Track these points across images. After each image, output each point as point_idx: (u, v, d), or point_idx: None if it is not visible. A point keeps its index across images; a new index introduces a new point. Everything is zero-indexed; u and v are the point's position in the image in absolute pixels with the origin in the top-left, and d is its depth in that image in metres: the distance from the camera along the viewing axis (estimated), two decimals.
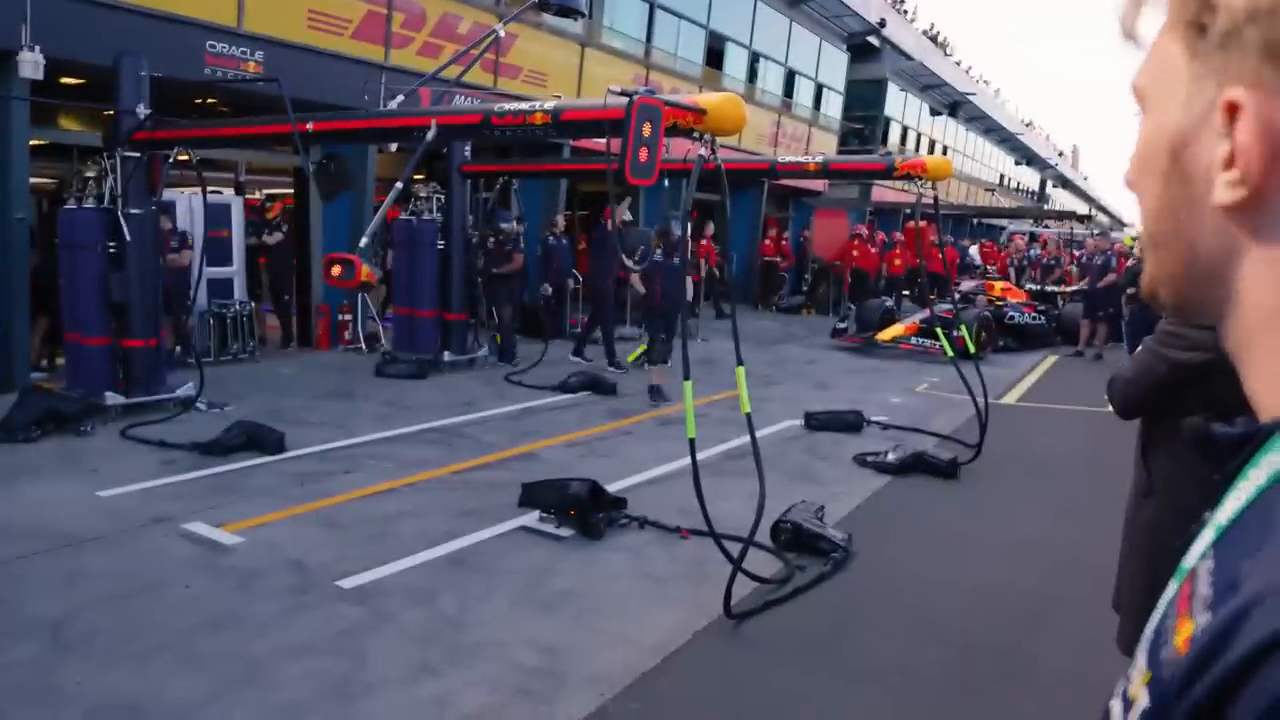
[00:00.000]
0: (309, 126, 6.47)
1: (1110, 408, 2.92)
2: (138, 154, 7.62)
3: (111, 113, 7.67)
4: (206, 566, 4.81)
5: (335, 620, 4.24)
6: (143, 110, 7.56)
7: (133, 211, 7.61)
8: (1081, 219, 22.49)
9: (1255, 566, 0.47)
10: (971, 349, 8.81)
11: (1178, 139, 0.57)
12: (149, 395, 7.76)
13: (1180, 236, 0.59)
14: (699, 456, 4.86)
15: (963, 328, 8.93)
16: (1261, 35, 0.51)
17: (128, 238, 7.56)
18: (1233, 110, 0.53)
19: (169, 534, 5.18)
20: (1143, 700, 0.54)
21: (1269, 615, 0.43)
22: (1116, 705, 0.58)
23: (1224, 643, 0.45)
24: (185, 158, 7.88)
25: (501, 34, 7.98)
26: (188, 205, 10.19)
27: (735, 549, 4.62)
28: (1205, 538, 0.57)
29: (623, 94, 4.68)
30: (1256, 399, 0.58)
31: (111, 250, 7.61)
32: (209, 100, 11.14)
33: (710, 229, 15.46)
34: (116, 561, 4.78)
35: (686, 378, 4.79)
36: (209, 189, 8.87)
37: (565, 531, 5.39)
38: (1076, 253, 18.53)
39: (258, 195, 14.16)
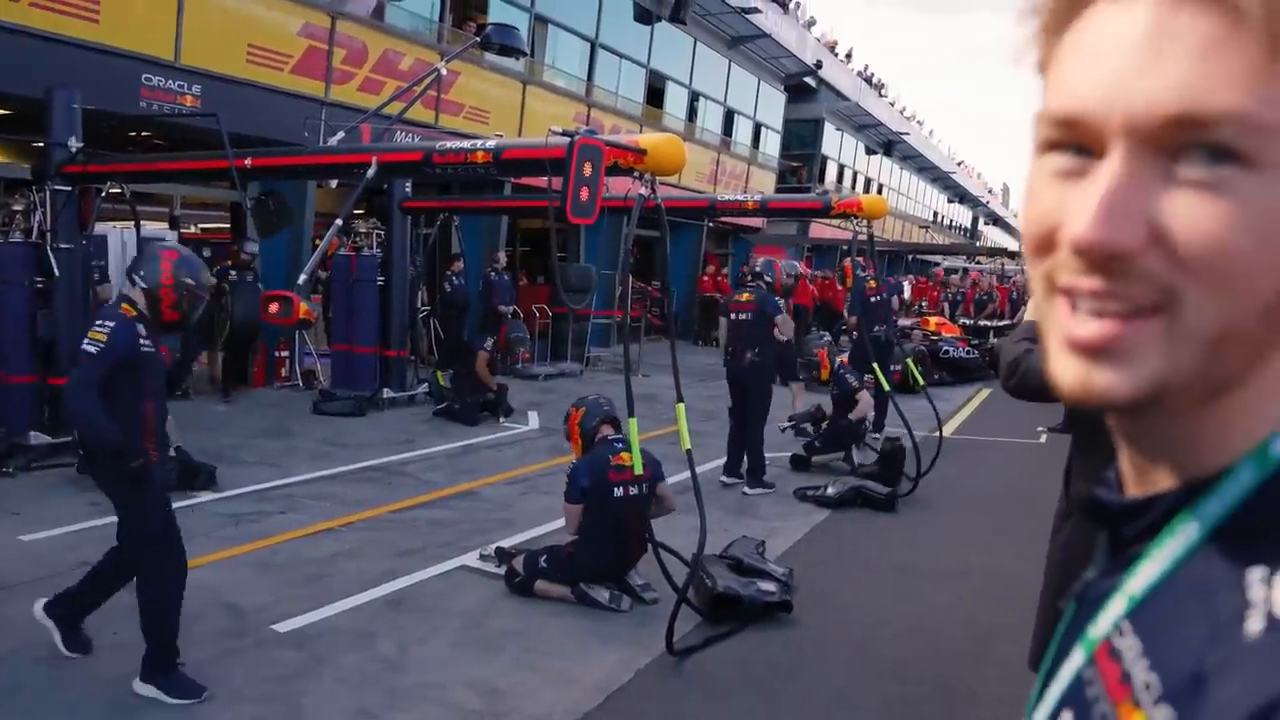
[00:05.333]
0: (248, 162, 6.41)
1: (1005, 386, 2.85)
2: (68, 188, 7.46)
3: (41, 145, 7.52)
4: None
5: (270, 665, 4.15)
6: (74, 143, 7.42)
7: (62, 246, 7.44)
8: (1012, 255, 23.15)
9: (1232, 658, 0.45)
10: (919, 381, 9.01)
11: None
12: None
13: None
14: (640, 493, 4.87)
15: (908, 362, 9.11)
16: None
17: (56, 273, 7.38)
18: None
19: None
20: None
21: None
22: None
23: None
24: (118, 191, 7.74)
25: (444, 71, 8.01)
26: (120, 240, 10.00)
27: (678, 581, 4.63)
28: (1115, 608, 0.55)
29: (564, 134, 4.73)
30: (1143, 460, 0.57)
31: (39, 285, 7.42)
32: (144, 134, 10.97)
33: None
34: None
35: (631, 414, 4.81)
36: (143, 223, 8.71)
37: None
38: (1006, 287, 19.04)
39: (194, 229, 13.93)
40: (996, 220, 57.62)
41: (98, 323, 3.80)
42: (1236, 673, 0.44)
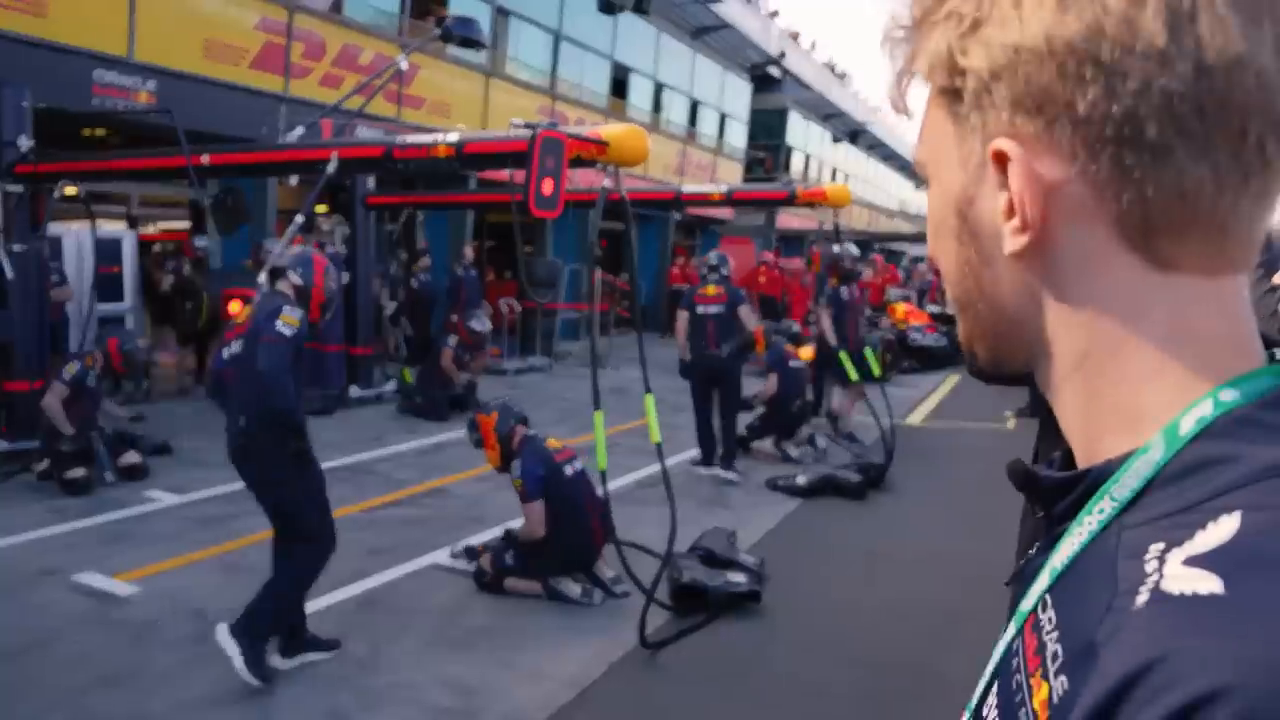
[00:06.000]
0: (205, 159, 6.30)
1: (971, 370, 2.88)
2: (20, 188, 7.30)
3: None
4: (100, 619, 4.59)
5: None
6: (25, 142, 7.26)
7: (15, 248, 7.28)
8: None
9: (1115, 629, 0.48)
10: (876, 371, 9.01)
11: (962, 199, 0.60)
12: (32, 441, 7.40)
13: (984, 295, 0.62)
14: (610, 486, 4.85)
15: (867, 351, 9.10)
16: (1008, 90, 0.55)
17: (10, 275, 7.23)
18: (1001, 160, 0.56)
19: (58, 586, 4.93)
20: None
21: (1166, 691, 0.43)
22: None
23: (1111, 713, 0.45)
24: (72, 191, 7.59)
25: (404, 65, 7.91)
26: (75, 240, 9.80)
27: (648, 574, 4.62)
28: (1041, 582, 0.57)
29: (526, 126, 4.68)
30: (1071, 440, 0.60)
31: None
32: (98, 132, 10.76)
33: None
34: (0, 618, 4.52)
35: (597, 407, 4.78)
36: (100, 223, 8.55)
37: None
38: None
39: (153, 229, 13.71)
40: None
41: (286, 308, 4.03)
42: (1119, 642, 0.46)
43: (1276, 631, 0.42)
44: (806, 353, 9.55)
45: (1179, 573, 0.46)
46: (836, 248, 9.24)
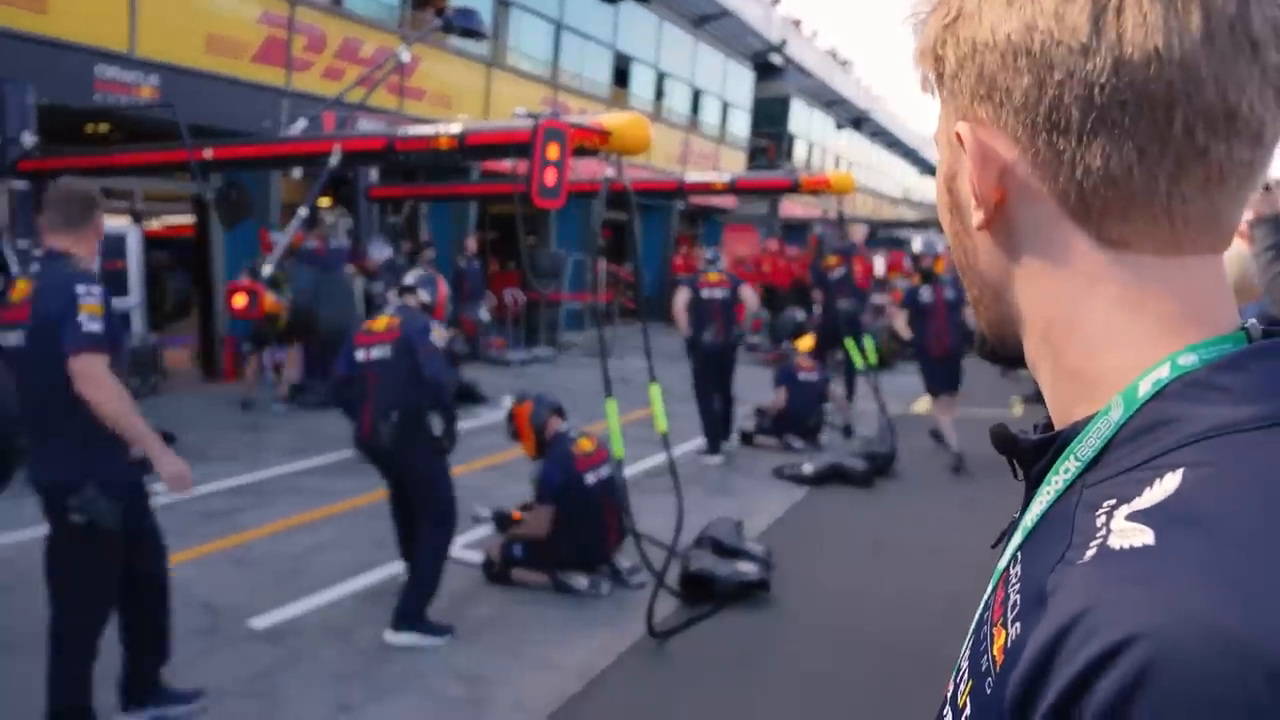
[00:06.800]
0: (208, 153, 6.30)
1: (980, 352, 2.90)
2: (25, 184, 7.31)
3: None
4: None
5: (248, 662, 4.11)
6: (29, 138, 7.26)
7: (21, 245, 7.29)
8: None
9: (1061, 580, 0.50)
10: (871, 359, 8.95)
11: (948, 173, 0.66)
12: None
13: (970, 265, 0.67)
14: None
15: (867, 339, 9.03)
16: (969, 78, 0.60)
17: (15, 272, 7.23)
18: (961, 141, 0.61)
19: None
20: (967, 709, 0.57)
21: (1089, 639, 0.45)
22: (948, 715, 0.61)
23: (1047, 663, 0.47)
24: None
25: (405, 57, 7.90)
26: None
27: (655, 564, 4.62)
28: (1015, 540, 0.60)
29: (529, 116, 4.67)
30: (1049, 409, 0.64)
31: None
32: (100, 128, 10.75)
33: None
34: (9, 614, 4.54)
35: (609, 395, 4.79)
36: (105, 218, 8.55)
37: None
38: None
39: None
40: None
41: (434, 323, 4.65)
42: (1062, 592, 0.49)
43: (1190, 581, 0.44)
44: (806, 343, 9.50)
45: (1122, 527, 0.49)
46: (918, 245, 8.68)
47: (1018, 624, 0.52)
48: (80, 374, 3.08)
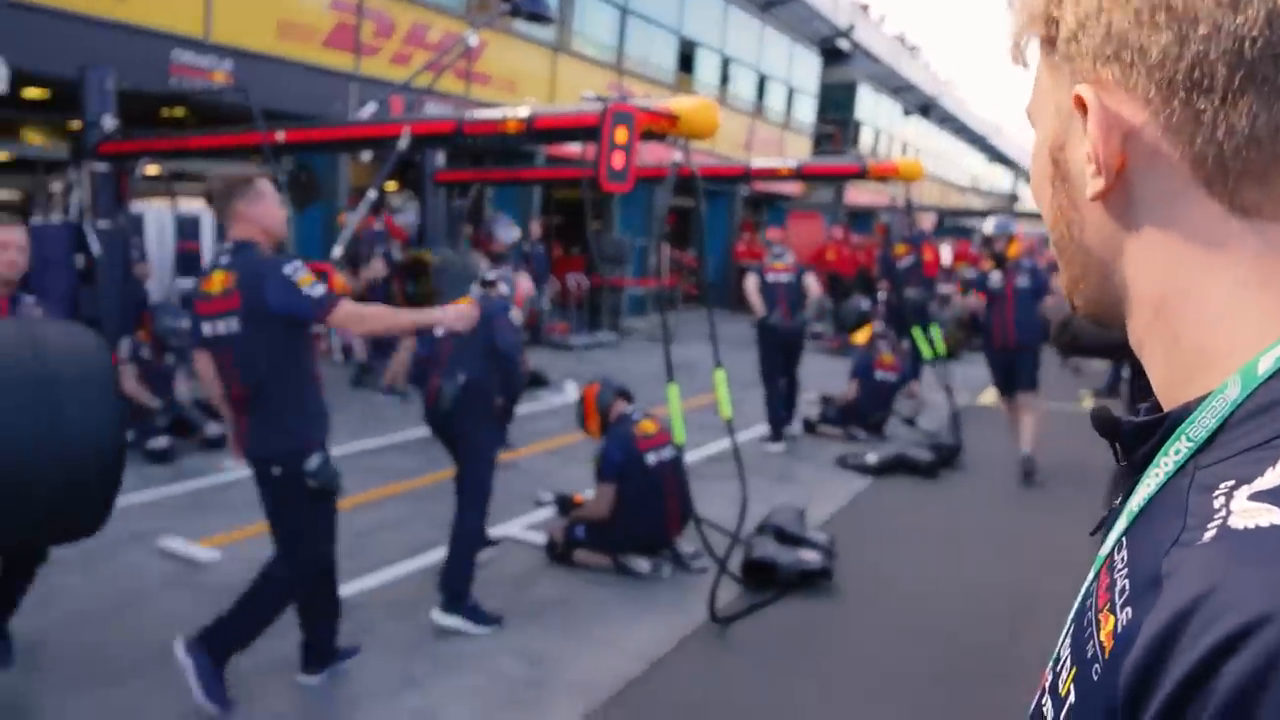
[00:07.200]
0: (280, 136, 6.41)
1: (1056, 343, 2.81)
2: (105, 167, 7.52)
3: (77, 125, 7.58)
4: (185, 582, 4.73)
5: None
6: (110, 122, 7.46)
7: (101, 225, 7.51)
8: None
9: (1177, 563, 0.48)
10: (939, 349, 8.74)
11: (1055, 143, 0.63)
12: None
13: (1074, 240, 0.64)
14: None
15: (934, 328, 8.81)
16: (1092, 38, 0.57)
17: (96, 252, 7.46)
18: (1082, 106, 0.58)
19: (145, 550, 5.10)
20: (1071, 697, 0.55)
21: (1213, 622, 0.43)
22: (1048, 704, 0.58)
23: (1165, 649, 0.45)
24: (154, 170, 7.78)
25: (473, 41, 7.95)
26: (156, 218, 10.07)
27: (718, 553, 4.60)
28: (1119, 526, 0.58)
29: (597, 100, 4.66)
30: (1157, 392, 0.61)
31: (81, 265, 7.50)
32: (175, 112, 11.02)
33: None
34: (91, 580, 4.69)
35: (670, 379, 4.77)
36: (179, 201, 8.78)
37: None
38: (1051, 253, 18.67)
39: None
40: None
41: (513, 308, 4.98)
42: (1181, 574, 0.47)
43: None
44: (863, 335, 9.36)
45: (1244, 507, 0.47)
46: (989, 226, 7.88)
47: (1128, 609, 0.50)
48: (342, 325, 3.55)
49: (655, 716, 3.68)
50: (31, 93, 9.19)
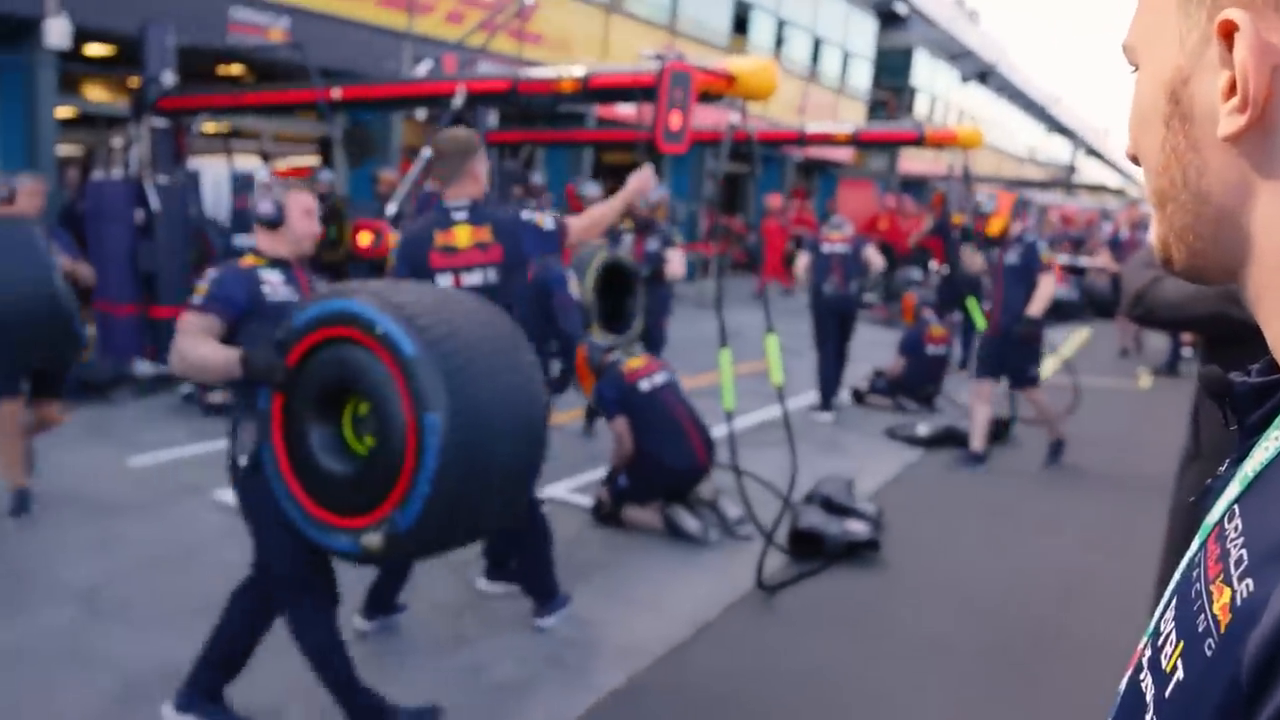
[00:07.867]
0: (336, 94, 6.42)
1: (1130, 314, 2.68)
2: (164, 122, 7.59)
3: (137, 82, 7.65)
4: (238, 533, 4.80)
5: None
6: (169, 78, 7.52)
7: (160, 180, 7.60)
8: (1114, 192, 22.13)
9: None
10: (981, 323, 8.44)
11: (1176, 78, 0.57)
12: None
13: (1188, 185, 0.58)
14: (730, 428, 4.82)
15: (970, 301, 8.42)
16: None
17: (156, 207, 7.55)
18: (1228, 33, 0.52)
19: (200, 502, 5.20)
20: (1179, 673, 0.52)
21: None
22: (1147, 680, 0.56)
23: None
24: (211, 127, 7.84)
25: (526, 1, 7.87)
26: (213, 175, 10.17)
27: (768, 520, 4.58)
28: (1229, 493, 0.55)
29: (656, 58, 4.59)
30: (1275, 352, 0.56)
31: (140, 220, 7.60)
32: (232, 69, 11.10)
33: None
34: (149, 529, 4.80)
35: (724, 344, 4.74)
36: (236, 158, 8.85)
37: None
38: (1109, 227, 18.22)
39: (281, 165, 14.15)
40: (1096, 155, 55.14)
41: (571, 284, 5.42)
42: None
43: None
44: (906, 306, 9.16)
45: None
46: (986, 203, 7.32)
47: (1248, 580, 0.47)
48: (579, 240, 3.98)
49: (700, 681, 3.69)
50: (94, 49, 9.30)
